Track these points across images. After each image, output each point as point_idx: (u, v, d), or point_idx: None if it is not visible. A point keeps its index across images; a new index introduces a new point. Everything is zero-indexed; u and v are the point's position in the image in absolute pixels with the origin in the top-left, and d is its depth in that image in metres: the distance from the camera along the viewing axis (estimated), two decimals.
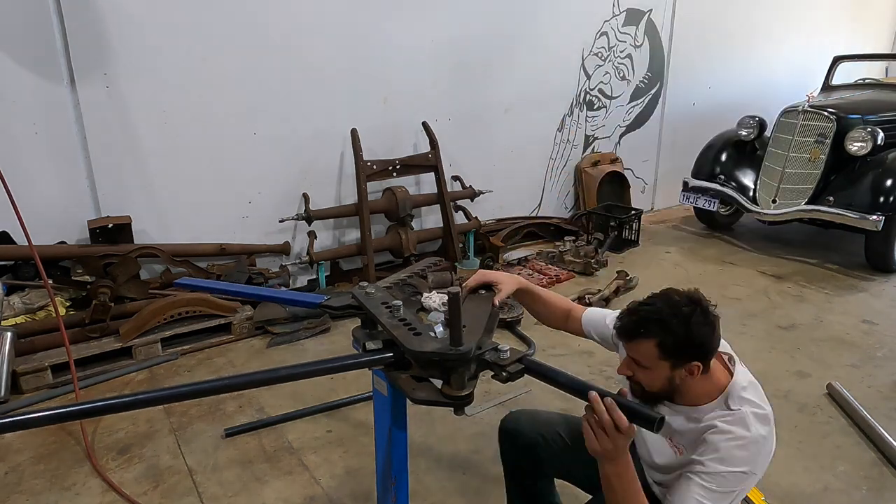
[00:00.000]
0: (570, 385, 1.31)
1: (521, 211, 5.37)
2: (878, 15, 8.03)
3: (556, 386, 1.35)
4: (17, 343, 2.98)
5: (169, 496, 2.33)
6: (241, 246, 3.93)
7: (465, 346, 1.26)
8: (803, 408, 2.88)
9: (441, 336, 1.34)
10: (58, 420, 1.10)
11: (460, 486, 2.37)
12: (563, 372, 1.33)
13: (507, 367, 1.32)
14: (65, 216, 3.42)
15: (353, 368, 1.40)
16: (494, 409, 2.87)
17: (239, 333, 3.57)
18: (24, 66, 3.15)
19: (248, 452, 2.58)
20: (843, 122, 4.69)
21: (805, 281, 4.49)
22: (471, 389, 1.29)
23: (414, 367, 1.35)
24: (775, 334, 3.63)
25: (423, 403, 1.30)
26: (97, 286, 3.20)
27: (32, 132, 3.24)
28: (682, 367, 1.41)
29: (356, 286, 1.65)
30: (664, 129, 6.16)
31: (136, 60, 3.41)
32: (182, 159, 3.67)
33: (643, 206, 5.88)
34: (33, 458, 2.54)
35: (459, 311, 1.25)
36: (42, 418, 1.09)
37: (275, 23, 3.76)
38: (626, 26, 5.49)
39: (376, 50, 4.18)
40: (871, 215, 4.33)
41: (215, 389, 1.23)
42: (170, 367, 3.28)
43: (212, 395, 2.88)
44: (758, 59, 6.62)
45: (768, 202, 4.90)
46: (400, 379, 1.34)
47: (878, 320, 3.81)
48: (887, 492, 2.34)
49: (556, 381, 1.34)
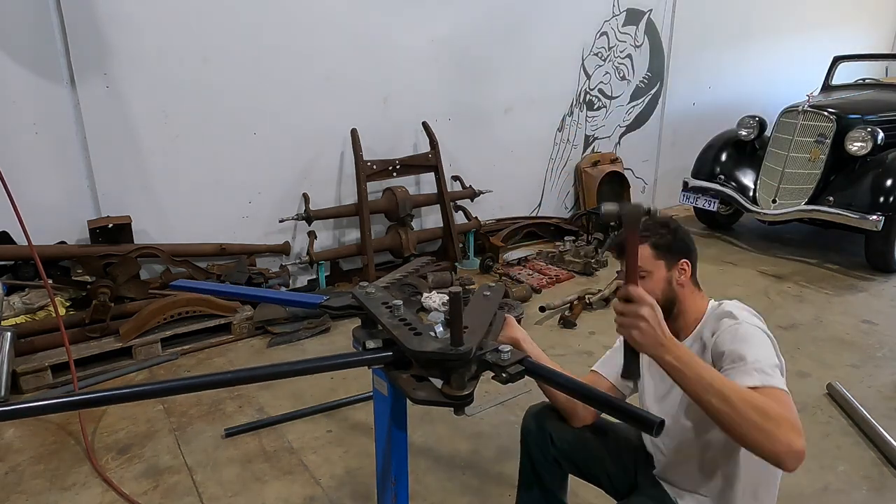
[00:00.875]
0: (569, 386, 1.30)
1: (521, 211, 5.37)
2: (878, 15, 8.03)
3: (556, 387, 1.35)
4: (17, 343, 2.98)
5: (169, 496, 2.33)
6: (242, 246, 3.93)
7: (465, 346, 1.26)
8: (803, 408, 2.88)
9: (441, 336, 1.34)
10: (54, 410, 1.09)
11: (460, 486, 2.37)
12: (563, 373, 1.32)
13: (507, 368, 1.32)
14: (65, 216, 3.42)
15: (353, 366, 1.40)
16: (494, 409, 2.87)
17: (239, 333, 3.57)
18: (25, 65, 3.16)
19: (248, 452, 2.58)
20: (843, 122, 4.69)
21: (805, 281, 4.49)
22: (471, 390, 1.28)
23: (414, 367, 1.35)
24: (775, 334, 3.55)
25: (424, 403, 1.29)
26: (97, 286, 3.21)
27: (32, 132, 3.25)
28: (674, 267, 1.58)
29: (356, 286, 1.65)
30: (664, 129, 6.16)
31: (137, 60, 3.41)
32: (182, 159, 3.67)
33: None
34: (33, 458, 2.54)
35: (461, 311, 1.25)
36: (39, 407, 1.08)
37: (275, 23, 3.76)
38: (626, 26, 5.49)
39: (377, 50, 4.19)
40: (871, 215, 4.33)
41: (218, 383, 1.23)
42: (170, 367, 3.28)
43: (215, 389, 2.89)
44: (758, 59, 6.62)
45: (768, 202, 4.90)
46: (400, 378, 1.33)
47: (878, 320, 3.81)
48: (887, 491, 2.34)
49: (556, 383, 1.33)
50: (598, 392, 1.25)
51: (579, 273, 4.62)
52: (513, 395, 2.97)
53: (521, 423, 1.92)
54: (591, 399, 1.24)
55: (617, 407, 1.19)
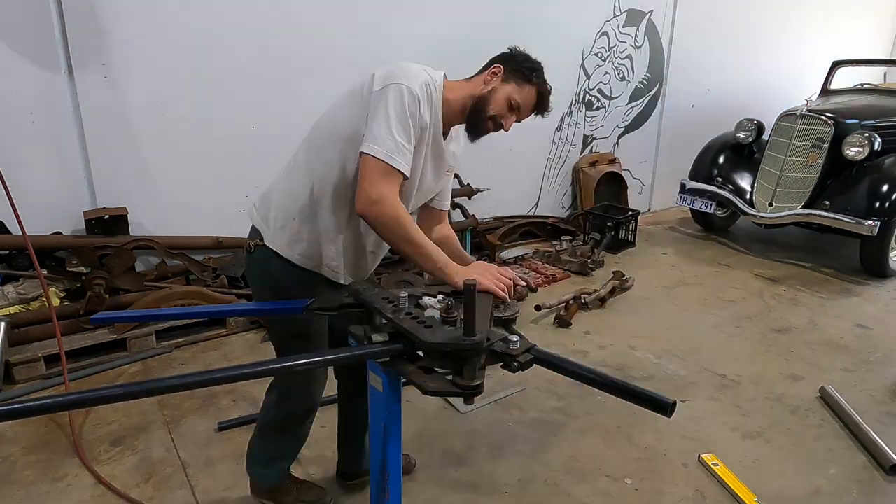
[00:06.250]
0: (580, 374, 1.32)
1: (518, 210, 5.37)
2: (876, 20, 8.06)
3: (566, 375, 1.37)
4: (11, 333, 2.97)
5: (161, 489, 2.33)
6: (238, 239, 3.91)
7: (478, 336, 1.27)
8: (795, 410, 2.90)
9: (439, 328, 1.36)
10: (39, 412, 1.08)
11: (453, 483, 2.38)
12: (573, 361, 1.35)
13: (517, 358, 1.34)
14: (61, 206, 3.40)
15: (362, 359, 1.42)
16: (489, 406, 2.88)
17: (234, 327, 3.56)
18: (22, 55, 3.13)
19: (242, 446, 2.57)
20: (840, 127, 4.70)
21: (800, 284, 4.51)
22: (482, 380, 1.31)
23: (422, 360, 1.36)
24: (769, 337, 3.64)
25: (435, 394, 1.32)
26: (92, 277, 3.19)
27: (29, 122, 3.22)
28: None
29: (351, 283, 1.65)
30: (662, 131, 6.17)
31: (135, 51, 3.39)
32: (179, 151, 3.65)
33: (640, 207, 5.88)
34: (25, 449, 2.53)
35: (475, 302, 1.26)
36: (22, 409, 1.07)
37: (274, 17, 3.74)
38: (626, 27, 5.49)
39: (376, 46, 4.17)
40: (867, 220, 4.34)
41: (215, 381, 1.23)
42: (164, 360, 3.28)
43: (214, 386, 2.87)
44: (757, 62, 6.64)
45: (765, 205, 4.91)
46: (410, 371, 1.34)
47: (872, 325, 3.83)
48: (878, 495, 2.36)
49: (566, 371, 1.36)
50: (613, 378, 1.30)
51: (575, 273, 4.63)
52: (506, 393, 2.97)
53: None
54: (606, 385, 1.29)
55: (630, 391, 1.23)
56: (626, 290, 4.29)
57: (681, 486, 2.38)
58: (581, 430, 2.72)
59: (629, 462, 2.52)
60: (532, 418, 2.81)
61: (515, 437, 2.67)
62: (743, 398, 2.99)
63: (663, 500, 2.31)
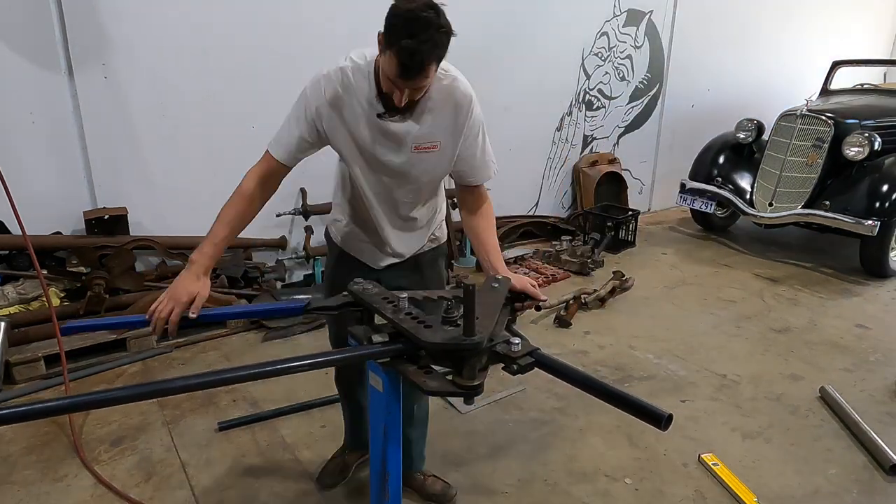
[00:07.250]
0: (579, 380, 1.31)
1: (518, 209, 5.37)
2: (876, 20, 8.05)
3: (566, 381, 1.36)
4: (11, 333, 2.97)
5: (161, 489, 2.33)
6: (238, 239, 3.91)
7: (478, 336, 1.27)
8: (795, 410, 2.90)
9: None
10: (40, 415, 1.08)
11: (453, 483, 2.38)
12: (573, 367, 1.34)
13: (517, 360, 1.34)
14: (61, 206, 3.40)
15: (362, 360, 1.42)
16: (488, 407, 2.88)
17: (234, 327, 3.56)
18: (22, 55, 3.13)
19: (242, 446, 2.58)
20: (840, 127, 4.70)
21: (800, 284, 4.51)
22: (482, 380, 1.31)
23: (422, 359, 1.36)
24: (769, 337, 3.64)
25: (435, 394, 1.32)
26: (92, 277, 3.19)
27: (29, 122, 3.23)
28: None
29: (351, 283, 1.65)
30: (662, 131, 6.17)
31: (135, 51, 3.39)
32: (179, 151, 3.65)
33: (640, 207, 5.88)
34: (25, 449, 2.53)
35: (473, 303, 1.26)
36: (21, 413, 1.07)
37: (275, 16, 3.74)
38: (626, 27, 5.49)
39: (375, 46, 4.17)
40: (867, 220, 4.35)
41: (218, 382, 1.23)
42: (164, 360, 3.28)
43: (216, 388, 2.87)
44: (757, 62, 6.63)
45: (765, 205, 4.91)
46: (410, 371, 1.34)
47: (872, 325, 3.83)
48: (877, 495, 2.36)
49: (566, 376, 1.35)
50: (611, 387, 1.27)
51: (575, 273, 4.63)
52: (506, 393, 2.97)
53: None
54: (604, 394, 1.27)
55: (627, 401, 1.22)
56: (626, 290, 4.29)
57: (681, 487, 2.38)
58: (581, 430, 2.72)
59: (629, 462, 2.52)
60: (532, 418, 2.81)
61: (515, 437, 2.67)
62: (743, 398, 3.00)
63: (663, 501, 2.31)
